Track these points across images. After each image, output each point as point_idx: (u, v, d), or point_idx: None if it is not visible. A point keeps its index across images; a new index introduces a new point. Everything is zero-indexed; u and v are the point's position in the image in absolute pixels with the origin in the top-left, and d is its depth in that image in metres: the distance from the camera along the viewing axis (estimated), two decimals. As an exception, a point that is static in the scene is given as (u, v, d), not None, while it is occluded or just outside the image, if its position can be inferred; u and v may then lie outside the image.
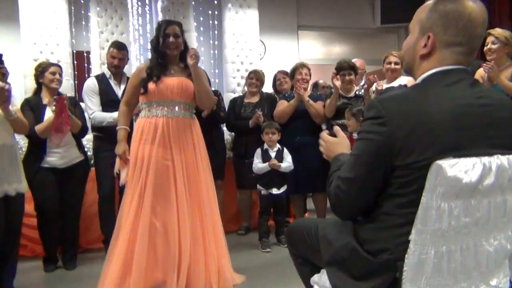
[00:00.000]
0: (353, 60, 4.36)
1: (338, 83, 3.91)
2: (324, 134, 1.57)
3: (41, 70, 3.37)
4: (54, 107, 3.12)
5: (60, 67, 3.48)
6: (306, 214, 4.57)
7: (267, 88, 4.82)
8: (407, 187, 1.18)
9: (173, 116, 2.74)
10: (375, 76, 3.88)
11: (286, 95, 4.28)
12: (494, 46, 3.35)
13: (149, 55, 2.90)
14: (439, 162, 1.12)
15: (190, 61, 2.72)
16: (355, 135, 3.43)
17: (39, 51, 4.97)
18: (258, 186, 3.88)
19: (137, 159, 2.68)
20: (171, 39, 2.74)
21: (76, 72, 5.43)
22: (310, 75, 4.24)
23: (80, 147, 3.48)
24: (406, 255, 1.16)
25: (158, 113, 2.73)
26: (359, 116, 3.54)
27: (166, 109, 2.74)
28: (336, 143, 1.53)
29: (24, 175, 2.87)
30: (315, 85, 5.30)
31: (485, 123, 1.20)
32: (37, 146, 3.26)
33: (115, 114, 3.15)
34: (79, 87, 5.28)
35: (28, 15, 4.98)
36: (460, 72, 1.26)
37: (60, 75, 3.41)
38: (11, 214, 2.77)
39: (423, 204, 1.13)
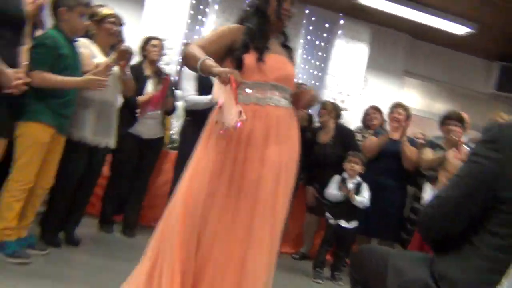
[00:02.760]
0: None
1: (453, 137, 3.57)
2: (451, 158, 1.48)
3: (145, 41, 3.61)
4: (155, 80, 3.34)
5: (162, 41, 3.66)
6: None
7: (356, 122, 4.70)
8: (510, 227, 1.02)
9: (279, 105, 2.00)
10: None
11: (377, 131, 4.13)
12: None
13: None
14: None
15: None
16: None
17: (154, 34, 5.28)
18: (327, 214, 3.73)
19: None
20: (287, 4, 2.08)
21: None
22: (407, 118, 4.04)
23: (163, 124, 3.65)
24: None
25: (259, 99, 1.96)
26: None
27: (269, 95, 1.98)
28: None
29: (115, 131, 3.04)
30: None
31: None
32: (132, 112, 3.41)
33: (208, 97, 3.21)
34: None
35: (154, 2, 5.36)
36: None
37: (161, 48, 3.60)
38: (94, 165, 2.92)
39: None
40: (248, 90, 1.94)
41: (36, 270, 2.31)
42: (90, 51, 2.84)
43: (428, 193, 3.38)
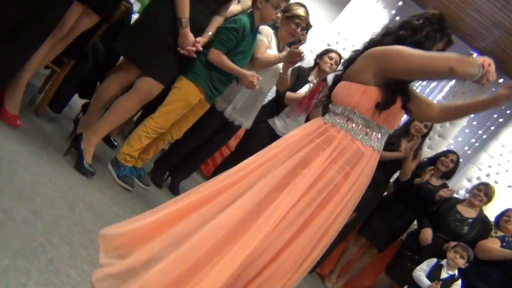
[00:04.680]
0: None
1: None
2: None
3: (323, 52, 3.65)
4: (311, 85, 3.36)
5: (340, 55, 3.65)
6: None
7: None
8: None
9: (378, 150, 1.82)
10: None
11: (506, 238, 3.70)
12: None
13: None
14: None
15: None
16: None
17: (344, 38, 5.37)
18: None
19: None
20: None
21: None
22: None
23: None
24: None
25: (365, 139, 1.76)
26: None
27: (375, 136, 1.78)
28: None
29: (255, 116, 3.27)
30: None
31: None
32: (278, 106, 3.54)
33: None
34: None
35: (354, 8, 5.40)
36: None
37: (337, 63, 3.60)
38: (222, 135, 3.23)
39: None
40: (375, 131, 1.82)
41: (132, 197, 2.60)
42: (268, 41, 3.04)
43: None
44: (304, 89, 3.52)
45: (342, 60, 1.90)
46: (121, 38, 2.52)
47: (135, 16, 2.94)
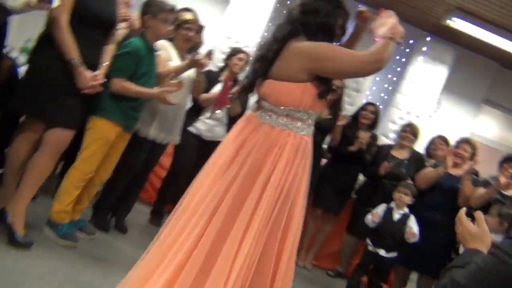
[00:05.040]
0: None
1: (503, 180, 3.48)
2: (463, 215, 1.42)
3: (231, 53, 3.68)
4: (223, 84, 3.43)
5: (248, 54, 3.71)
6: (405, 288, 4.23)
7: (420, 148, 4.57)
8: None
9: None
10: None
11: (438, 164, 3.98)
12: None
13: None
14: None
15: None
16: (493, 236, 3.06)
17: (234, 32, 5.39)
18: (368, 240, 3.70)
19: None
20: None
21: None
22: (472, 156, 3.87)
23: (228, 130, 3.71)
24: None
25: (307, 130, 1.92)
26: (505, 220, 3.15)
27: (312, 123, 1.94)
28: (474, 236, 1.35)
29: (180, 129, 3.22)
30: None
31: None
32: (195, 110, 3.55)
33: None
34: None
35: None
36: None
37: (246, 63, 3.65)
38: (151, 158, 3.12)
39: None
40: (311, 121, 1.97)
41: (80, 252, 2.51)
42: (167, 54, 3.00)
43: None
44: (217, 88, 3.55)
45: (258, 54, 1.94)
46: (15, 97, 2.38)
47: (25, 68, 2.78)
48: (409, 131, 4.17)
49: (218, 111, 3.51)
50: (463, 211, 1.41)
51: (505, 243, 1.13)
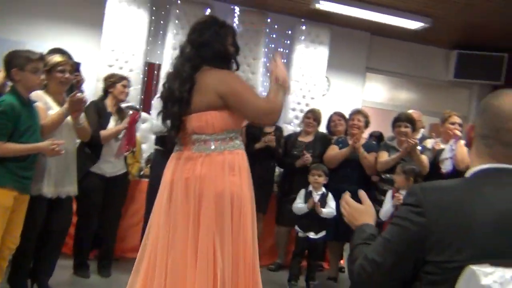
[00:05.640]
0: (410, 111, 4.44)
1: (405, 145, 3.78)
2: (348, 197, 1.48)
3: (113, 81, 3.55)
4: (128, 115, 3.49)
5: (129, 80, 3.67)
6: (342, 261, 4.46)
7: (323, 128, 4.84)
8: (437, 286, 1.12)
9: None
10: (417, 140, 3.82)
11: (339, 140, 4.25)
12: None
13: None
14: (474, 267, 1.03)
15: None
16: (402, 193, 3.35)
17: (115, 59, 5.23)
18: (296, 227, 3.85)
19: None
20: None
21: (146, 81, 5.65)
22: (366, 124, 4.19)
23: (125, 159, 3.68)
24: None
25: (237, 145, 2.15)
26: (409, 175, 3.46)
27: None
28: (361, 211, 1.43)
29: (76, 178, 3.03)
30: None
31: None
32: (93, 151, 3.39)
33: None
34: (145, 97, 5.53)
35: (112, 23, 5.26)
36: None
37: (128, 87, 3.62)
38: (58, 216, 2.92)
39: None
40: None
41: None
42: (45, 103, 2.83)
43: (389, 196, 3.57)
44: (111, 125, 3.46)
45: (170, 98, 2.11)
46: None
47: None
48: (311, 117, 4.43)
49: (126, 153, 3.50)
50: (347, 194, 1.50)
51: (400, 210, 1.24)
